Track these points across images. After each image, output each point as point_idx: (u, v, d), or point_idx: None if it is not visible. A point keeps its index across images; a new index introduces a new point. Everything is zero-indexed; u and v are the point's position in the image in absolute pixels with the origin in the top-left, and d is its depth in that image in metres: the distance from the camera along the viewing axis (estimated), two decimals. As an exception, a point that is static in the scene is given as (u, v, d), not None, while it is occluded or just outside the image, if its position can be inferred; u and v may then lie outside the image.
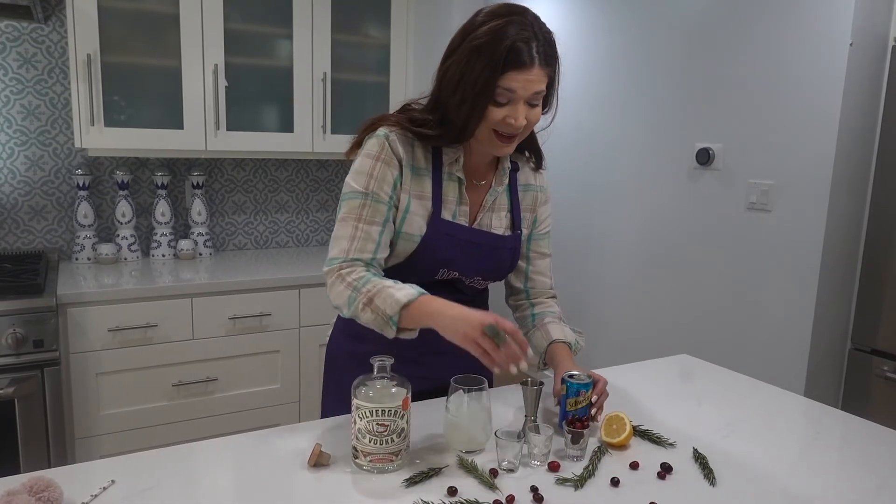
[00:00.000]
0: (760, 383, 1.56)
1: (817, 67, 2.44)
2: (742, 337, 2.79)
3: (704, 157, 2.88)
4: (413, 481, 1.05)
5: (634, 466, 1.13)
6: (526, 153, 1.42)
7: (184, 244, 2.71)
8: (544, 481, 1.07)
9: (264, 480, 1.06)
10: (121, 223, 2.62)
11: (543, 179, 1.45)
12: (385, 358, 1.10)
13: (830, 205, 2.45)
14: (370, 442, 1.07)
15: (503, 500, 1.00)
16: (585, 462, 1.14)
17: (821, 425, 1.37)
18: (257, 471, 1.09)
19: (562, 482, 1.07)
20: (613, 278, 3.48)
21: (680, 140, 3.03)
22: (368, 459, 1.08)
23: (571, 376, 1.23)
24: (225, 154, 2.60)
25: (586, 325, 3.66)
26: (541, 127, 1.36)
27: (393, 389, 1.09)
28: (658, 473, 1.11)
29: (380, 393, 1.08)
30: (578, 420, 1.19)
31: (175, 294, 2.29)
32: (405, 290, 1.15)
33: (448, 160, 1.29)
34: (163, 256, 2.69)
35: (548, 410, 1.31)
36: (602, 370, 1.62)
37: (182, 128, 2.46)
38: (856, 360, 2.52)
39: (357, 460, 1.09)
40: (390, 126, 1.26)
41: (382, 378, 1.09)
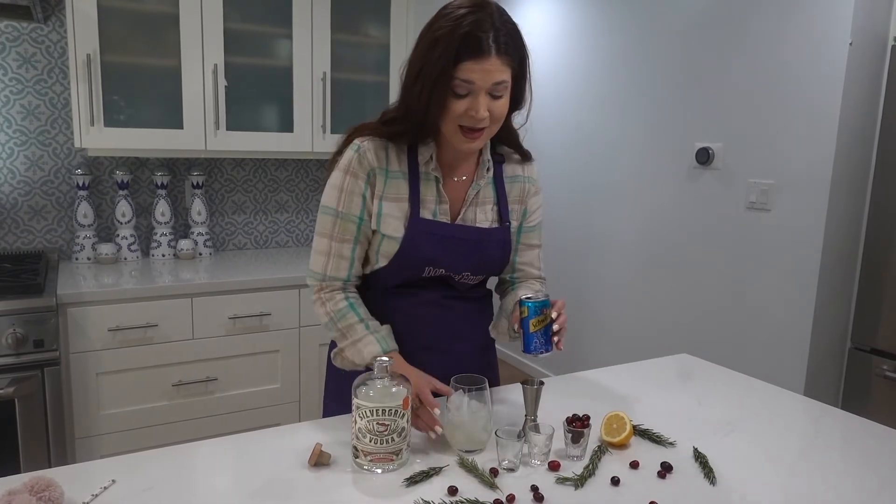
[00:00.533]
0: (760, 382, 1.57)
1: (817, 67, 2.45)
2: (742, 336, 2.79)
3: (704, 157, 2.88)
4: (413, 481, 1.06)
5: (635, 466, 1.13)
6: (505, 148, 1.40)
7: (184, 244, 2.71)
8: (544, 480, 1.07)
9: (265, 480, 1.06)
10: (121, 223, 2.62)
11: (533, 170, 1.43)
12: (386, 358, 1.11)
13: (830, 204, 2.45)
14: (371, 441, 1.07)
15: (503, 500, 1.00)
16: (585, 461, 1.14)
17: (821, 424, 1.37)
18: (258, 470, 1.09)
19: (562, 481, 1.07)
20: (613, 278, 3.49)
21: (680, 139, 3.03)
22: (369, 459, 1.08)
23: (528, 297, 1.21)
24: (225, 154, 2.59)
25: (586, 325, 3.66)
26: (518, 123, 1.36)
27: (393, 389, 1.09)
28: (658, 473, 1.11)
29: (380, 392, 1.08)
30: (578, 420, 1.19)
31: (175, 294, 2.29)
32: (370, 348, 1.25)
33: (423, 160, 1.29)
34: (163, 256, 2.69)
35: (548, 410, 1.31)
36: (602, 369, 1.63)
37: (182, 128, 2.46)
38: (856, 360, 2.52)
39: (357, 460, 1.10)
40: (364, 136, 1.29)
41: (383, 378, 1.09)
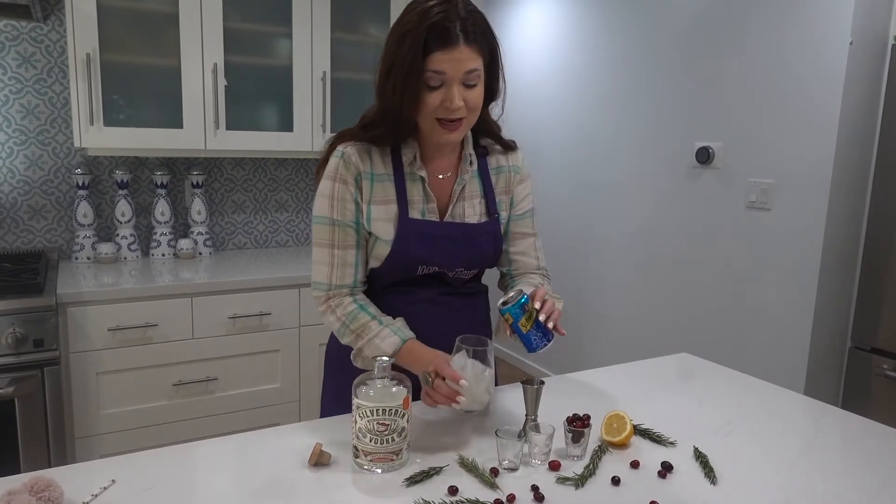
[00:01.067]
0: (761, 382, 1.56)
1: (817, 66, 2.44)
2: (742, 336, 2.79)
3: (704, 156, 2.88)
4: (414, 480, 1.05)
5: (635, 465, 1.13)
6: (488, 140, 1.39)
7: (183, 243, 2.70)
8: (545, 480, 1.07)
9: (264, 480, 1.06)
10: (120, 222, 2.62)
11: (517, 159, 1.42)
12: (386, 357, 1.11)
13: (830, 203, 2.45)
14: (371, 441, 1.07)
15: (504, 500, 1.00)
16: (586, 461, 1.14)
17: (821, 424, 1.37)
18: (257, 470, 1.09)
19: (562, 481, 1.07)
20: (613, 277, 3.48)
21: (679, 139, 3.03)
22: (369, 459, 1.08)
23: (505, 303, 1.18)
24: (224, 153, 2.59)
25: (586, 324, 3.66)
26: (495, 115, 1.35)
27: (393, 389, 1.09)
28: (659, 472, 1.11)
29: (380, 392, 1.08)
30: (579, 420, 1.19)
31: (175, 293, 2.29)
32: (389, 340, 1.24)
33: (406, 160, 1.29)
34: (162, 256, 2.69)
35: (549, 410, 1.30)
36: (602, 369, 1.63)
37: (181, 127, 2.46)
38: (856, 359, 2.52)
39: (357, 459, 1.09)
40: (346, 142, 1.29)
41: (383, 377, 1.09)
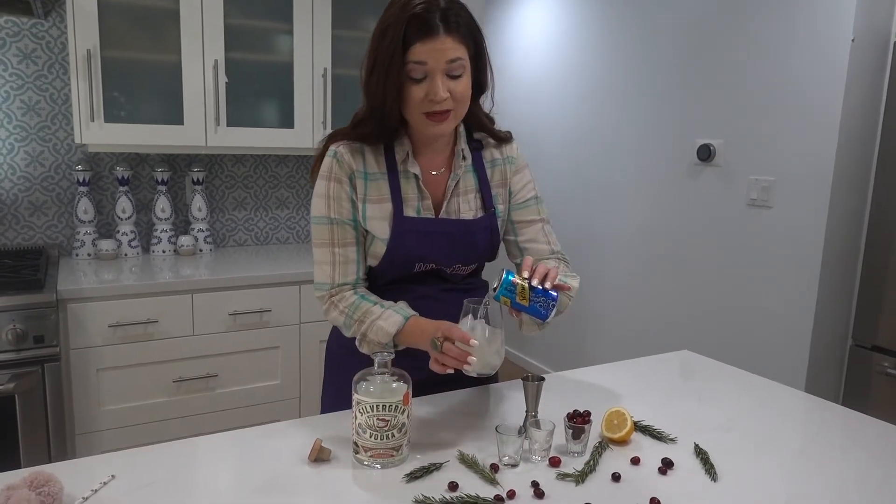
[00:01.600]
0: (761, 379, 1.56)
1: (819, 63, 2.44)
2: (743, 333, 2.79)
3: (705, 154, 2.87)
4: (414, 476, 1.05)
5: (635, 462, 1.13)
6: (481, 134, 1.38)
7: (184, 240, 2.70)
8: (545, 476, 1.07)
9: (265, 476, 1.06)
10: (121, 219, 2.62)
11: (512, 150, 1.41)
12: (386, 353, 1.11)
13: (831, 201, 2.44)
14: (371, 437, 1.07)
15: (504, 495, 1.00)
16: (586, 457, 1.14)
17: (822, 421, 1.37)
18: (258, 466, 1.09)
19: (563, 477, 1.07)
20: (614, 275, 3.48)
21: (680, 136, 3.03)
22: (369, 454, 1.08)
23: (494, 288, 1.15)
24: (225, 150, 2.59)
25: (587, 322, 3.66)
26: (486, 108, 1.35)
27: (394, 385, 1.09)
28: (659, 469, 1.11)
29: (380, 388, 1.08)
30: (579, 416, 1.19)
31: (175, 290, 2.29)
32: (391, 319, 1.23)
33: (399, 158, 1.29)
34: (163, 252, 2.69)
35: (549, 406, 1.30)
36: (603, 366, 1.63)
37: (182, 123, 2.46)
38: (856, 357, 2.52)
39: (358, 455, 1.09)
40: (338, 141, 1.29)
41: (383, 373, 1.09)
